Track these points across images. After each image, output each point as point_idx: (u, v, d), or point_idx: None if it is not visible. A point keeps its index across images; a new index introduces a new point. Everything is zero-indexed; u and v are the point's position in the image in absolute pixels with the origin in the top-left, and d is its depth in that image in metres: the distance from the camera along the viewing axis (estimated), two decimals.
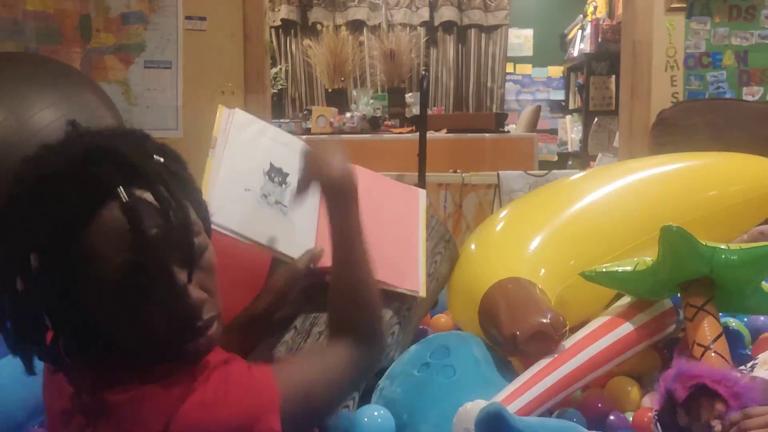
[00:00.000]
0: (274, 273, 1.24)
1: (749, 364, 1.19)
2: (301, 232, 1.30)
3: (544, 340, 1.24)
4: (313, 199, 1.33)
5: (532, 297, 1.32)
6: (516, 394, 1.17)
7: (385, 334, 1.29)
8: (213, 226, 1.15)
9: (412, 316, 1.43)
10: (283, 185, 1.33)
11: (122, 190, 0.75)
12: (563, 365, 1.24)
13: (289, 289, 1.23)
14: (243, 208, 1.25)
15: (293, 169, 1.33)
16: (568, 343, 1.28)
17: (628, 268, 1.36)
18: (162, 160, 0.82)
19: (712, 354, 1.22)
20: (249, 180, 1.29)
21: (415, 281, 1.40)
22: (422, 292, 1.39)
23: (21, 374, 0.80)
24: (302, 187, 1.14)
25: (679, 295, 1.36)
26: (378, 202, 1.44)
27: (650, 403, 1.31)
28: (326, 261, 1.25)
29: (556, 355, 1.25)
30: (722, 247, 1.28)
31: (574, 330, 1.35)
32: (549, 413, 1.25)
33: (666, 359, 1.46)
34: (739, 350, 1.40)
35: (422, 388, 1.23)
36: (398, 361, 1.32)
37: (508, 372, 1.30)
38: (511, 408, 1.12)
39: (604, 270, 1.40)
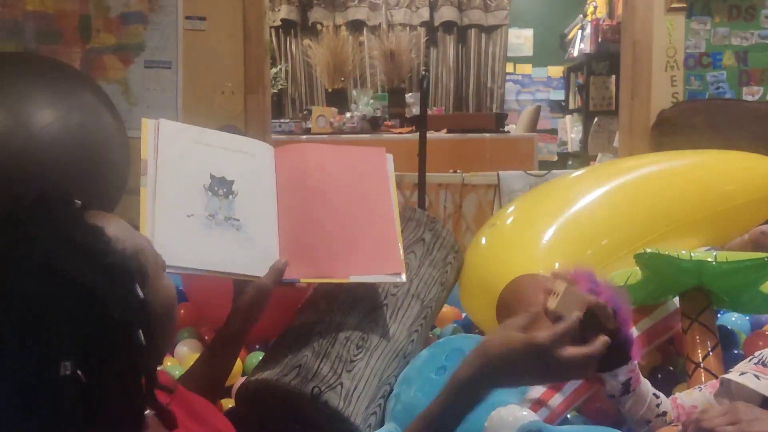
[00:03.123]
0: (241, 292, 1.17)
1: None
2: (262, 245, 1.21)
3: None
4: (269, 203, 1.26)
5: None
6: (547, 396, 1.16)
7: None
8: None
9: (427, 324, 1.42)
10: (230, 196, 1.22)
11: None
12: None
13: (258, 308, 1.16)
14: (189, 238, 1.14)
15: (238, 172, 1.24)
16: None
17: (620, 284, 1.36)
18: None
19: (702, 371, 1.23)
20: (190, 203, 1.17)
21: (396, 263, 1.28)
22: (404, 276, 1.28)
23: None
24: None
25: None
26: (343, 181, 1.33)
27: None
28: (293, 273, 1.20)
29: None
30: (709, 259, 1.26)
31: None
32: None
33: (666, 355, 1.46)
34: (732, 351, 1.40)
35: None
36: (411, 366, 1.30)
37: None
38: (544, 410, 1.12)
39: None
